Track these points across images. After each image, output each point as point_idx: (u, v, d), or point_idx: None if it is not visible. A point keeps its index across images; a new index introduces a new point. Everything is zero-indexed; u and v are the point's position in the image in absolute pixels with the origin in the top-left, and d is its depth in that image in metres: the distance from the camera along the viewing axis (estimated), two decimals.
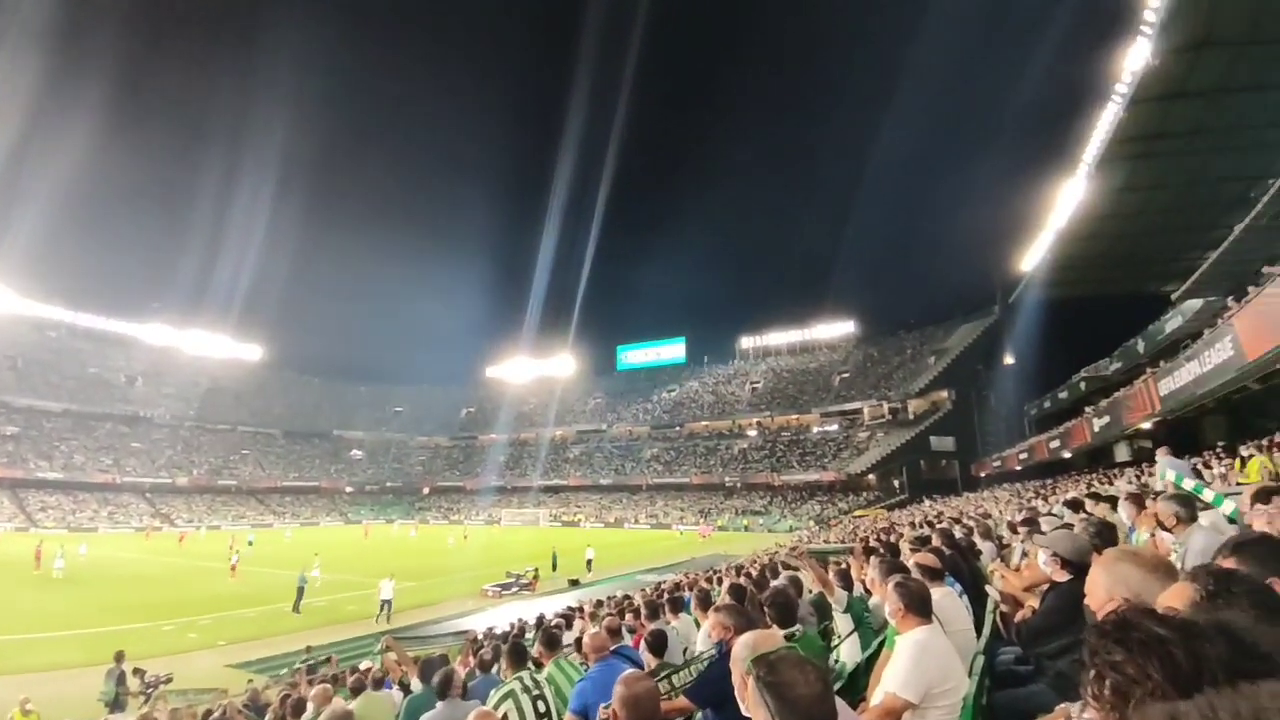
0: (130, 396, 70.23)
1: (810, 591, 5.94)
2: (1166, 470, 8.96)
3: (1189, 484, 5.52)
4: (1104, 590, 1.63)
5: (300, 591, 19.72)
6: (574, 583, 24.77)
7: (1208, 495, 5.20)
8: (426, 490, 78.21)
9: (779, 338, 77.71)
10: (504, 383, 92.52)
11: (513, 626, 12.03)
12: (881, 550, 5.68)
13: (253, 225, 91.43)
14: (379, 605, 18.40)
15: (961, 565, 4.70)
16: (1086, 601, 1.71)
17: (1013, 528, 7.40)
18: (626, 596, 13.20)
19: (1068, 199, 23.16)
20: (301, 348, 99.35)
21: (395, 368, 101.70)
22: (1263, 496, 3.96)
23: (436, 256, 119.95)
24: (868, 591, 5.11)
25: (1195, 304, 22.99)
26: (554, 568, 27.27)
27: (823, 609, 5.32)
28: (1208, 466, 13.62)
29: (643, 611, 5.63)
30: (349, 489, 75.43)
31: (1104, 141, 18.77)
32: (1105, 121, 18.56)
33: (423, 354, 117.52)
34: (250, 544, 35.94)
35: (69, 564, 25.91)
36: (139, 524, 51.80)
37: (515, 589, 23.10)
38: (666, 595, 8.62)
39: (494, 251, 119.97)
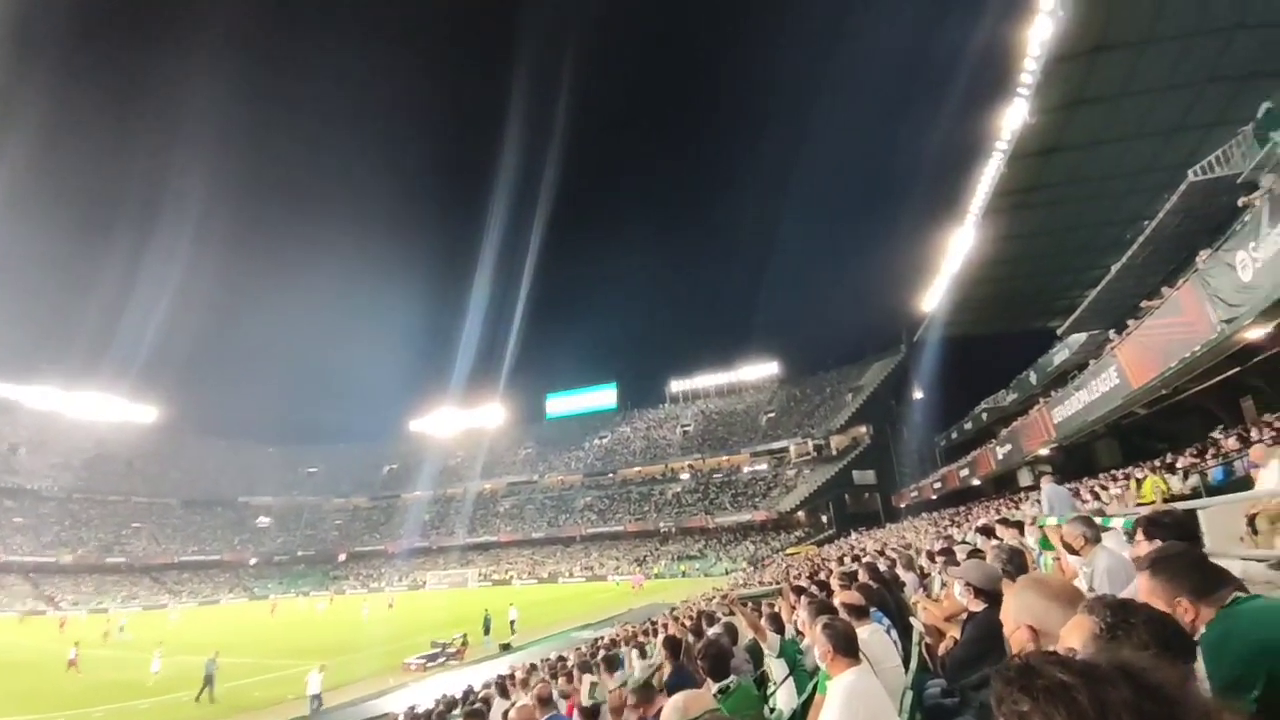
0: (13, 466, 62.93)
1: (745, 638, 5.86)
2: (1051, 497, 9.65)
3: (1050, 520, 5.88)
4: (1012, 618, 1.67)
5: (209, 679, 17.62)
6: (505, 647, 23.48)
7: (1051, 523, 5.62)
8: (343, 557, 72.68)
9: (707, 380, 79.19)
10: (429, 436, 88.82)
11: (438, 703, 11.19)
12: (810, 589, 5.70)
13: (159, 277, 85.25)
14: (308, 701, 16.29)
15: (887, 599, 4.77)
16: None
17: (931, 557, 7.64)
18: (561, 657, 12.59)
19: (959, 246, 25.23)
20: (204, 407, 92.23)
21: (309, 426, 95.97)
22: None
23: (356, 308, 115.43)
24: (800, 633, 5.10)
25: (1080, 337, 25.24)
26: (486, 631, 25.76)
27: (757, 655, 5.25)
28: (1104, 488, 14.74)
29: (575, 674, 5.35)
30: (254, 561, 69.21)
31: (987, 194, 20.74)
32: (988, 175, 20.53)
33: (340, 410, 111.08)
34: (121, 629, 32.09)
35: None
36: (23, 607, 45.56)
37: (442, 659, 21.60)
38: (601, 653, 8.28)
39: (418, 302, 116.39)
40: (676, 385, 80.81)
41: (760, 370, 76.45)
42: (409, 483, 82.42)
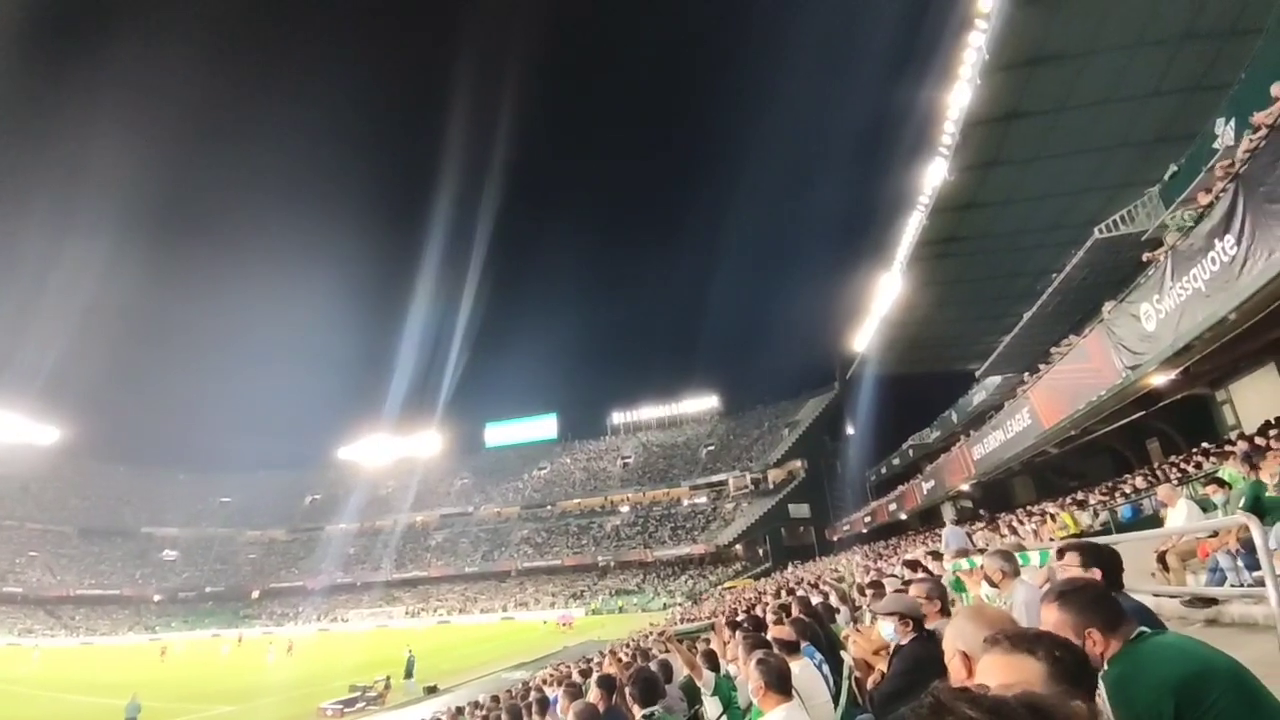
0: None
1: (681, 675, 5.77)
2: (949, 538, 10.17)
3: (963, 565, 6.19)
4: (949, 645, 1.71)
5: None
6: (431, 690, 22.29)
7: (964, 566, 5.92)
8: (256, 594, 67.53)
9: (649, 412, 79.32)
10: (358, 465, 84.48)
11: None
12: (744, 624, 5.70)
13: (69, 286, 78.70)
14: None
15: (819, 633, 4.82)
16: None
17: (861, 590, 7.81)
18: (494, 698, 12.04)
19: (887, 290, 26.65)
20: (109, 430, 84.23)
21: (224, 452, 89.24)
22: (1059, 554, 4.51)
23: (283, 328, 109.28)
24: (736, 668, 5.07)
25: (996, 380, 26.83)
26: (408, 674, 24.34)
27: (692, 693, 5.17)
28: (1021, 523, 15.52)
29: (504, 718, 5.12)
30: (157, 597, 63.61)
31: (911, 243, 22.11)
32: (912, 226, 21.91)
33: (260, 436, 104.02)
34: None
35: None
36: None
37: (361, 704, 20.28)
38: (533, 694, 7.98)
39: (351, 324, 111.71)
40: (618, 417, 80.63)
41: (701, 403, 77.32)
42: (333, 514, 77.81)
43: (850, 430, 57.25)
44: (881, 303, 27.92)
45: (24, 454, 68.28)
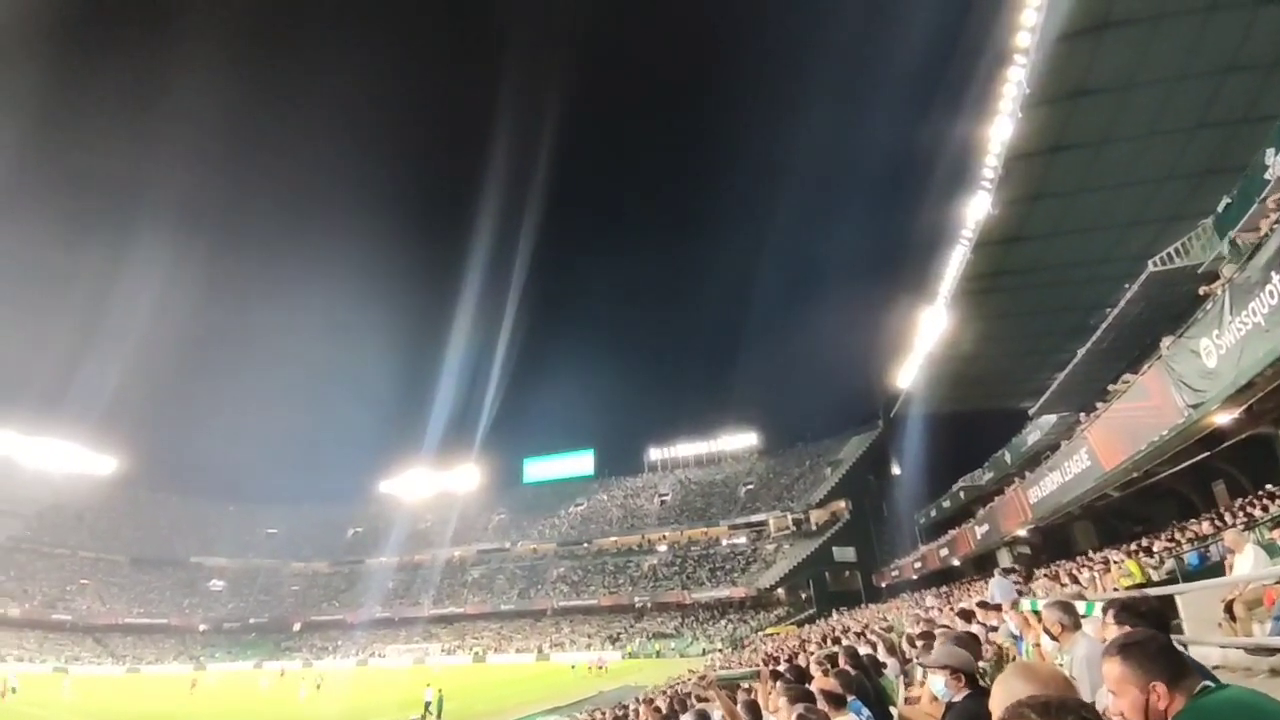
0: None
1: None
2: (995, 590, 9.64)
3: (1025, 605, 5.84)
4: (998, 707, 1.64)
5: None
6: None
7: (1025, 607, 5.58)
8: (298, 626, 68.21)
9: (687, 449, 78.48)
10: (398, 499, 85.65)
11: None
12: (787, 675, 5.48)
13: (126, 320, 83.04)
14: None
15: (867, 686, 4.60)
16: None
17: (912, 641, 7.45)
18: None
19: (931, 325, 26.06)
20: (161, 460, 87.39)
21: (270, 484, 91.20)
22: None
23: (327, 362, 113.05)
24: None
25: (1050, 418, 25.73)
26: (437, 715, 24.01)
27: None
28: (1082, 570, 14.62)
29: None
30: (203, 627, 65.00)
31: (955, 278, 21.67)
32: (955, 261, 21.51)
33: (305, 468, 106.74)
34: (14, 690, 29.46)
35: None
36: None
37: None
38: None
39: (392, 359, 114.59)
40: (655, 453, 80.00)
41: (739, 440, 76.20)
42: (374, 547, 78.90)
43: (896, 470, 55.46)
44: (926, 338, 27.32)
45: (81, 483, 71.56)
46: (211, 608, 68.16)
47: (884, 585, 46.35)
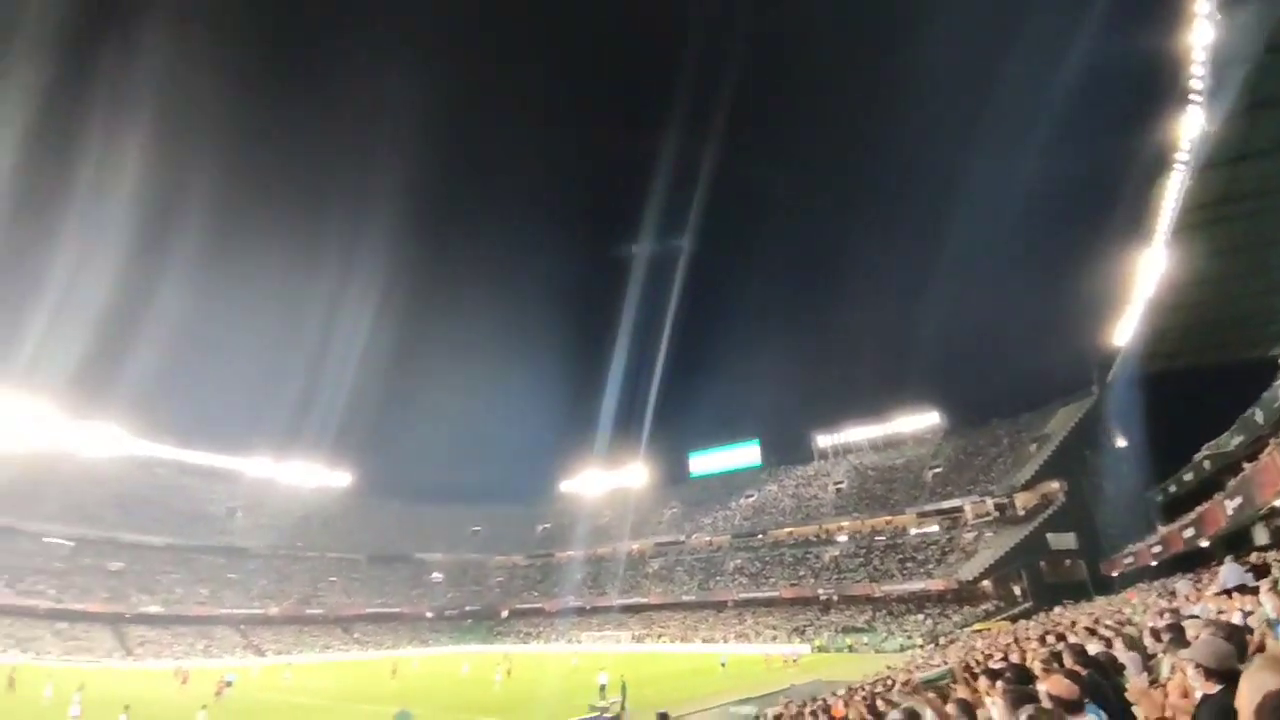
0: (229, 528, 74.02)
1: None
2: (1226, 576, 8.72)
3: None
4: (1246, 702, 1.56)
5: None
6: (663, 717, 22.73)
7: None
8: (505, 613, 76.46)
9: (858, 433, 74.35)
10: (578, 497, 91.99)
11: None
12: (1007, 674, 4.86)
13: (346, 356, 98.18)
14: None
15: (1104, 687, 3.94)
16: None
17: (1155, 635, 6.30)
18: None
19: (1149, 269, 22.18)
20: (385, 472, 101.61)
21: (471, 488, 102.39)
22: None
23: (509, 376, 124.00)
24: None
25: None
26: (622, 702, 25.03)
27: None
28: None
29: None
30: (429, 614, 74.85)
31: (1175, 210, 18.29)
32: (1173, 190, 18.13)
33: (497, 472, 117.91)
34: (230, 683, 33.02)
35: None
36: (234, 657, 52.74)
37: None
38: None
39: (564, 366, 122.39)
40: (824, 440, 76.77)
41: (919, 420, 70.43)
42: (562, 542, 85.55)
43: (1120, 442, 47.70)
44: (1144, 286, 23.21)
45: (324, 496, 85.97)
46: (435, 598, 78.01)
47: (1115, 574, 40.05)
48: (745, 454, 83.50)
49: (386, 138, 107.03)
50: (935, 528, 56.93)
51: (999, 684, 4.11)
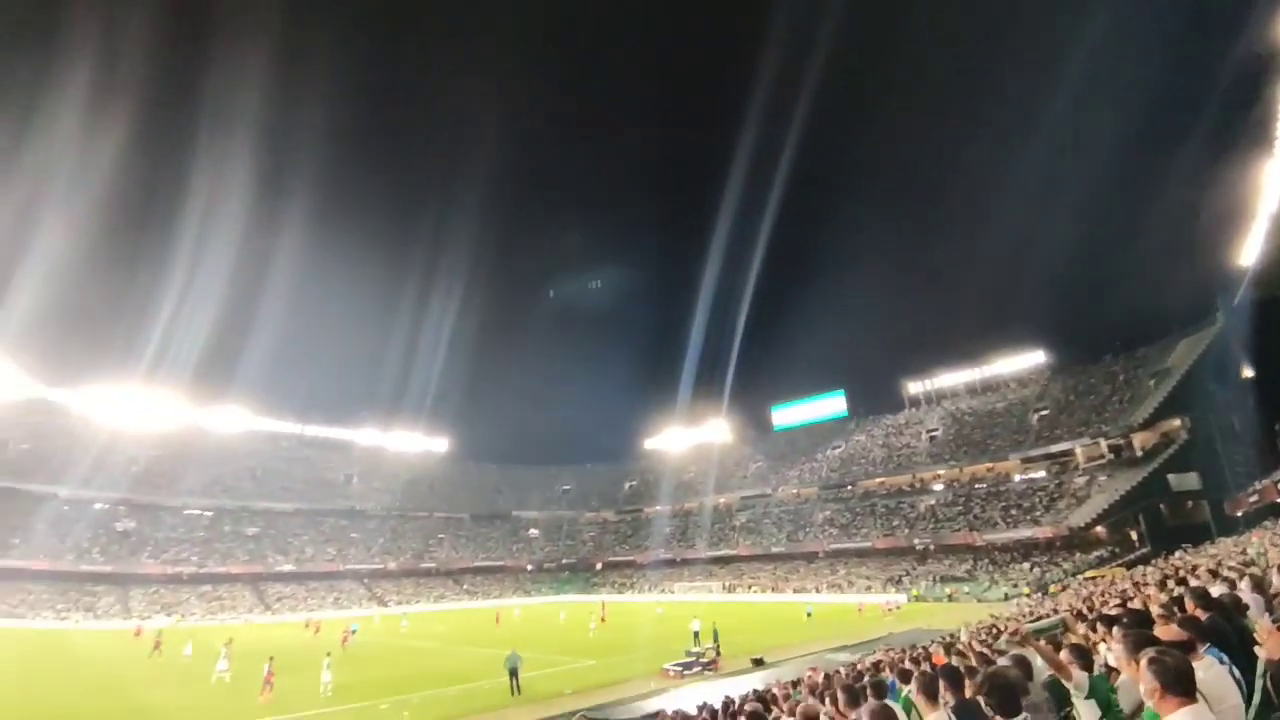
0: (348, 493, 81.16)
1: (1042, 674, 5.12)
2: None
3: None
4: None
5: (514, 673, 20.37)
6: (758, 662, 23.50)
7: None
8: (599, 565, 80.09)
9: (952, 378, 71.06)
10: (663, 454, 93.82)
11: (700, 711, 11.64)
12: (1124, 619, 4.80)
13: (439, 334, 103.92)
14: None
15: (1225, 629, 3.87)
16: None
17: None
18: (826, 676, 12.23)
19: (1273, 179, 19.54)
20: (478, 437, 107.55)
21: (560, 448, 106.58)
22: None
23: (593, 337, 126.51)
24: (1109, 669, 4.34)
25: None
26: (715, 648, 25.76)
27: (1059, 693, 4.57)
28: None
29: (840, 698, 5.20)
30: (529, 566, 79.67)
31: None
32: None
33: (584, 433, 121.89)
34: (354, 631, 36.20)
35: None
36: (360, 608, 58.57)
37: (697, 669, 22.42)
38: (867, 678, 7.90)
39: (646, 324, 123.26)
40: (914, 387, 73.88)
41: (1021, 361, 66.28)
42: (648, 498, 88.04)
43: (1248, 373, 43.19)
44: (1269, 198, 20.59)
45: (427, 460, 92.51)
46: (533, 551, 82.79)
47: (1240, 514, 36.87)
48: (830, 405, 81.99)
49: (475, 124, 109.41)
50: (1042, 473, 54.07)
51: (1116, 630, 4.11)
